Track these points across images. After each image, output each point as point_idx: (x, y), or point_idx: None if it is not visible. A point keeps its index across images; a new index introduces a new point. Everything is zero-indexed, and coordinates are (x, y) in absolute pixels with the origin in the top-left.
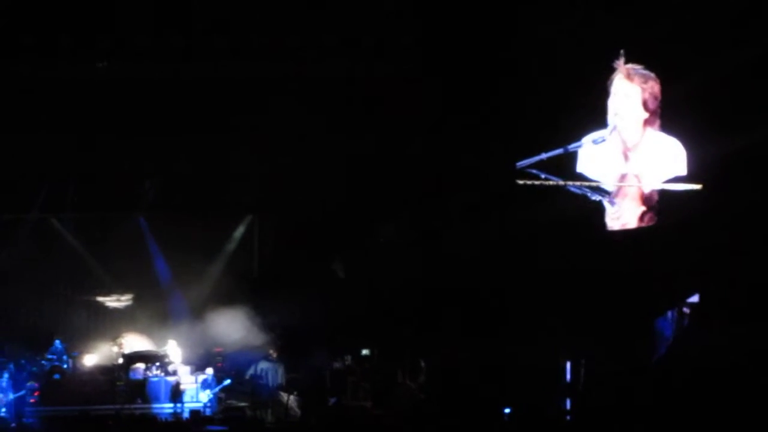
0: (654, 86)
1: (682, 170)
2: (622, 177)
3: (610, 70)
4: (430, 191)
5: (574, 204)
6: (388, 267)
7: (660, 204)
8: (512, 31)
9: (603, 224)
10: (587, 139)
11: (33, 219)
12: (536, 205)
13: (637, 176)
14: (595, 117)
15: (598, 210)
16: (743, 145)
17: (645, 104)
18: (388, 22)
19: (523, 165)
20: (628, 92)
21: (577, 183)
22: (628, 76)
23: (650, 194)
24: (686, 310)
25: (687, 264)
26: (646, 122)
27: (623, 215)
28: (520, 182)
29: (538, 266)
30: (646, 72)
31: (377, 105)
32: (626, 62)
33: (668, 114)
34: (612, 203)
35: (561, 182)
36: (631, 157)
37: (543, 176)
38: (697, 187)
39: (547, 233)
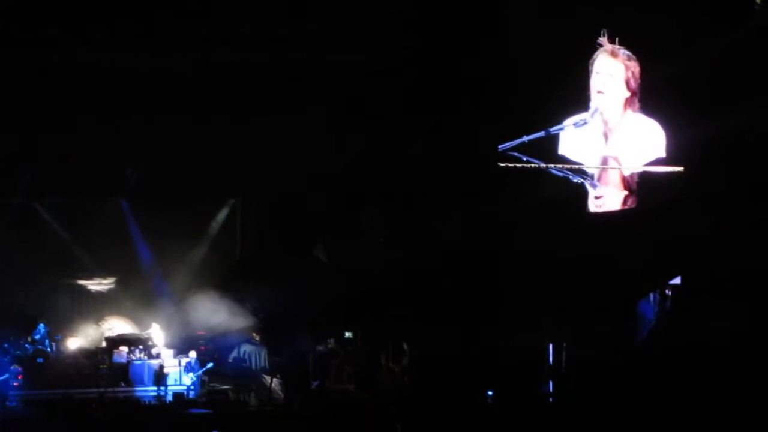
0: (636, 67)
1: (662, 152)
2: (603, 159)
3: (593, 50)
4: (414, 175)
5: (557, 187)
6: (371, 250)
7: (641, 187)
8: (494, 14)
9: (585, 207)
10: (569, 122)
11: (16, 204)
12: (519, 188)
13: (616, 158)
14: (577, 99)
15: (580, 193)
16: (724, 128)
17: (627, 83)
18: (366, 12)
19: (505, 148)
20: (612, 71)
21: (559, 165)
22: (613, 54)
23: (631, 177)
24: (668, 292)
25: (669, 247)
26: (627, 102)
27: (606, 198)
28: (502, 165)
29: (520, 249)
30: (629, 53)
31: (361, 89)
32: (610, 41)
33: (649, 97)
34: (594, 186)
35: (543, 165)
36: (611, 138)
37: (525, 159)
38: (679, 169)
39: (530, 216)
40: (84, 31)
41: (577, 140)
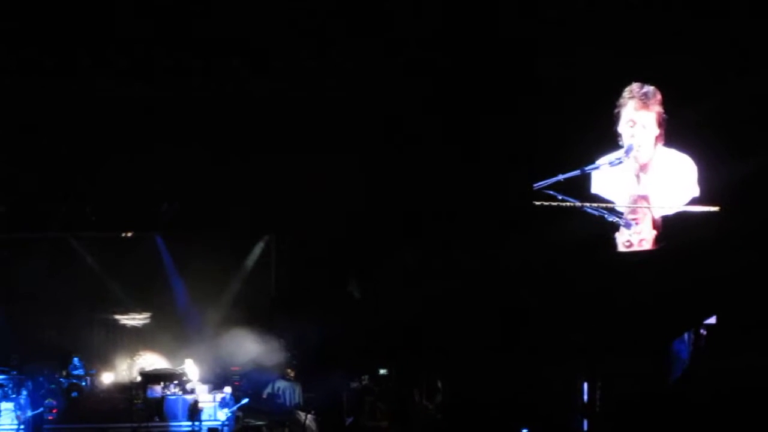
0: (661, 101)
1: (695, 191)
2: (636, 198)
3: (619, 94)
4: (449, 212)
5: (591, 225)
6: (406, 287)
7: (674, 226)
8: (531, 53)
9: (618, 247)
10: (604, 161)
11: (51, 238)
12: (554, 226)
13: (646, 197)
14: (611, 138)
15: (615, 232)
16: (759, 165)
17: (658, 123)
18: (409, 42)
19: (541, 186)
20: (645, 121)
21: (594, 204)
22: (644, 105)
23: (663, 217)
24: (703, 331)
25: (704, 286)
26: (657, 138)
27: (638, 237)
28: (538, 203)
29: (555, 287)
30: (652, 88)
31: (397, 126)
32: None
33: (683, 135)
34: (628, 225)
35: (578, 203)
36: (643, 178)
37: (560, 197)
38: (714, 209)
39: (565, 254)
40: (116, 62)
41: (610, 179)
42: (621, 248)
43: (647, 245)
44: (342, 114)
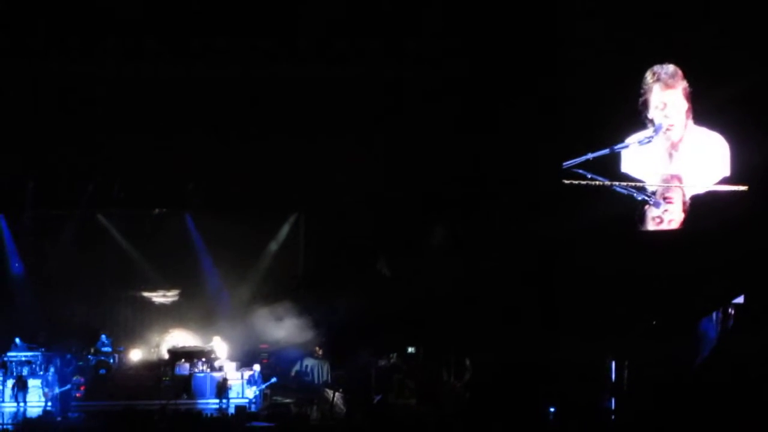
0: (683, 76)
1: (726, 170)
2: (667, 178)
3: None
4: (478, 192)
5: (621, 204)
6: (435, 266)
7: (704, 206)
8: (557, 35)
9: (647, 225)
10: (633, 139)
11: (80, 215)
12: (581, 205)
13: (679, 177)
14: (640, 117)
15: (644, 210)
16: None
17: (686, 98)
18: (433, 26)
19: (570, 165)
20: (673, 100)
21: (623, 183)
22: (669, 85)
23: (693, 196)
24: (731, 311)
25: (732, 265)
26: (687, 112)
27: (667, 216)
28: (567, 182)
29: (584, 266)
30: (672, 67)
31: (425, 108)
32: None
33: (714, 114)
34: (657, 205)
35: (607, 182)
36: (675, 156)
37: (589, 176)
38: (743, 188)
39: (594, 233)
40: (147, 45)
41: (640, 158)
42: (650, 225)
43: (676, 224)
44: (370, 95)
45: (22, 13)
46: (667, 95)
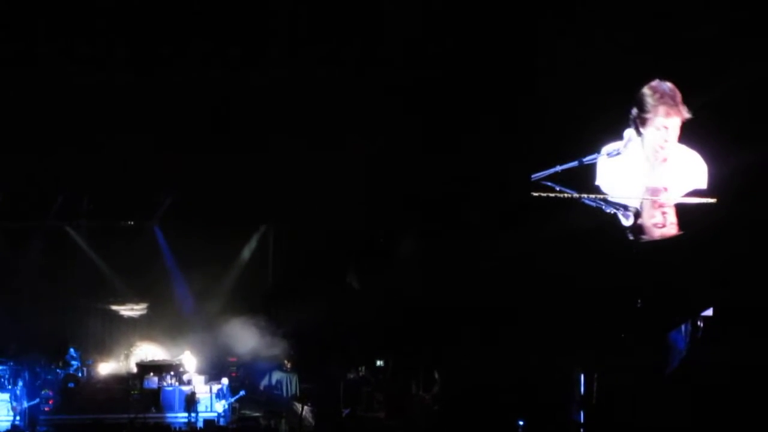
0: (680, 97)
1: (703, 184)
2: (649, 191)
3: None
4: (447, 203)
5: (588, 216)
6: (403, 279)
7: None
8: (530, 45)
9: (617, 237)
10: (603, 152)
11: (48, 227)
12: (551, 218)
13: (655, 190)
14: (610, 129)
15: (612, 222)
16: (761, 156)
17: (682, 123)
18: (410, 34)
19: (538, 177)
20: (674, 125)
21: (592, 196)
22: (675, 111)
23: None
24: (700, 323)
25: (701, 277)
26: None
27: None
28: (535, 194)
29: (552, 278)
30: (671, 87)
31: (394, 116)
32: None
33: (685, 126)
34: (626, 216)
35: (575, 195)
36: (656, 171)
37: (558, 188)
38: (711, 201)
39: (562, 245)
40: (113, 52)
41: (617, 171)
42: (652, 229)
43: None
44: (340, 105)
45: None
46: (670, 121)
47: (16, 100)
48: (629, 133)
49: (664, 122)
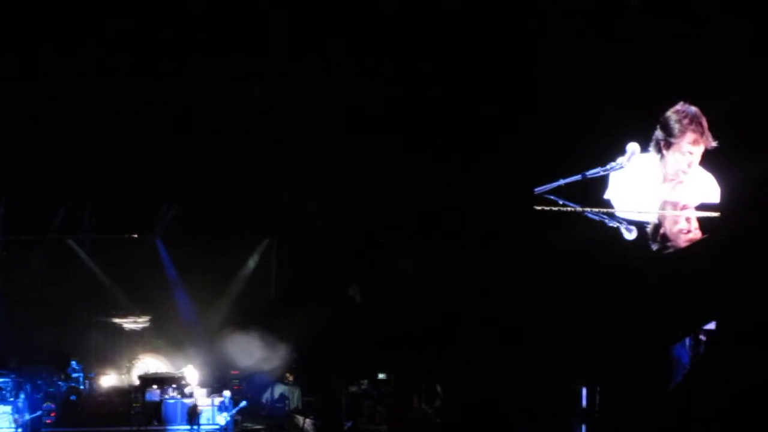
0: (707, 124)
1: (716, 200)
2: (668, 205)
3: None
4: (449, 218)
5: (592, 230)
6: (406, 293)
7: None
8: (533, 60)
9: (620, 251)
10: (606, 167)
11: (50, 240)
12: (552, 231)
13: (674, 204)
14: (614, 144)
15: (615, 236)
16: (760, 171)
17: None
18: (408, 50)
19: (541, 191)
20: (698, 152)
21: (595, 210)
22: (701, 140)
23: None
24: (702, 337)
25: (704, 291)
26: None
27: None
28: (538, 208)
29: (555, 293)
30: (697, 113)
31: (395, 131)
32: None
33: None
34: (629, 230)
35: (579, 208)
36: (675, 189)
37: (561, 202)
38: (715, 214)
39: (565, 259)
40: (118, 65)
41: (628, 185)
42: (678, 236)
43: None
44: (340, 117)
45: None
46: (696, 148)
47: (18, 113)
48: (633, 147)
49: (690, 149)
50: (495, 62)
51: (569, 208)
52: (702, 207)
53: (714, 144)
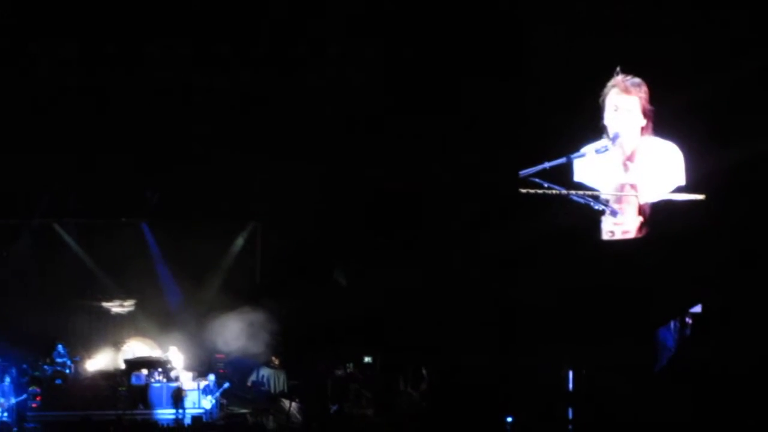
0: (647, 92)
1: (681, 179)
2: (622, 186)
3: (605, 80)
4: (434, 201)
5: (576, 213)
6: (391, 276)
7: (658, 214)
8: (515, 41)
9: (602, 233)
10: (590, 148)
11: (35, 224)
12: (537, 215)
13: (634, 186)
14: (597, 126)
15: (601, 219)
16: (744, 153)
17: (644, 112)
18: (381, 31)
19: (526, 174)
20: (629, 106)
21: (580, 192)
22: (626, 90)
23: (647, 204)
24: (688, 320)
25: (689, 274)
26: (643, 129)
27: (622, 226)
28: (523, 191)
29: (540, 275)
30: (638, 80)
31: (377, 115)
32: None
33: (668, 123)
34: (614, 213)
35: (564, 191)
36: (630, 166)
37: (546, 185)
38: (700, 197)
39: (550, 242)
40: (105, 51)
41: (594, 167)
42: (605, 236)
43: (631, 234)
44: (327, 102)
45: None
46: (621, 99)
47: (1, 99)
48: (613, 130)
49: (615, 101)
50: (476, 45)
51: (554, 191)
52: (676, 190)
53: (644, 98)
